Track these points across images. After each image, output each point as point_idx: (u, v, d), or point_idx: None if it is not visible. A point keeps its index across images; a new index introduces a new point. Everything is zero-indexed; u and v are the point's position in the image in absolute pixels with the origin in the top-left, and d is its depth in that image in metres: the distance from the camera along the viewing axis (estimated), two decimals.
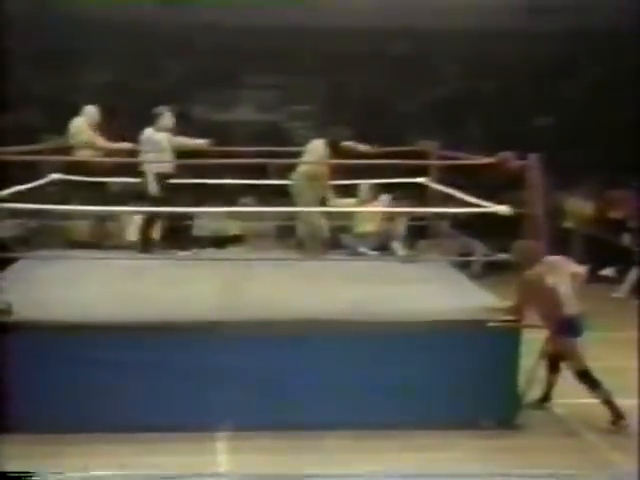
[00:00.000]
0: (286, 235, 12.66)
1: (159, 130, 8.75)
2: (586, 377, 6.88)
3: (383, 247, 8.99)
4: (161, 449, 6.27)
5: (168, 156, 8.70)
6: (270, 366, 6.59)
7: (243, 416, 6.56)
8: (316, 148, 8.82)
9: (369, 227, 9.08)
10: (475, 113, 16.79)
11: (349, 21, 14.91)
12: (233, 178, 11.07)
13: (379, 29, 15.36)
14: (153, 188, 8.61)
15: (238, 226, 13.05)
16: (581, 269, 7.12)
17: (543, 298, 6.81)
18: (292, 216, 9.54)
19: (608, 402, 6.89)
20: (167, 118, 8.84)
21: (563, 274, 6.93)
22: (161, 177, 8.62)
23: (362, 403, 6.61)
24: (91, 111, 9.39)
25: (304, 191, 8.67)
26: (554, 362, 7.20)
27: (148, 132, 8.77)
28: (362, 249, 8.96)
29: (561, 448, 6.49)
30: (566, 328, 6.84)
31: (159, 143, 8.67)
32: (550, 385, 7.29)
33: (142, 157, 8.77)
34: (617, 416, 6.87)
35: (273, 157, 10.43)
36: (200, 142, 8.98)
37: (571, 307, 6.84)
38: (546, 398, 7.29)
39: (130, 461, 6.07)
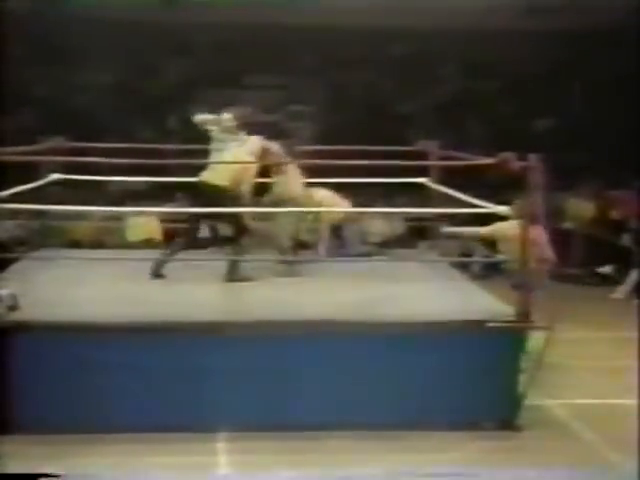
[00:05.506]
0: None
1: None
2: None
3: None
4: (162, 449, 6.25)
5: None
6: (270, 367, 6.58)
7: (244, 416, 6.56)
8: None
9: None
10: (476, 114, 16.79)
11: (350, 21, 14.90)
12: None
13: (380, 29, 15.36)
14: None
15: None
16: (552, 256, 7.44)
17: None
18: None
19: None
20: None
21: (542, 246, 7.25)
22: None
23: (362, 404, 6.61)
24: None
25: None
26: None
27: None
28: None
29: (561, 448, 6.48)
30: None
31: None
32: None
33: None
34: None
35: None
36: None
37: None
38: None
39: (131, 461, 6.06)
